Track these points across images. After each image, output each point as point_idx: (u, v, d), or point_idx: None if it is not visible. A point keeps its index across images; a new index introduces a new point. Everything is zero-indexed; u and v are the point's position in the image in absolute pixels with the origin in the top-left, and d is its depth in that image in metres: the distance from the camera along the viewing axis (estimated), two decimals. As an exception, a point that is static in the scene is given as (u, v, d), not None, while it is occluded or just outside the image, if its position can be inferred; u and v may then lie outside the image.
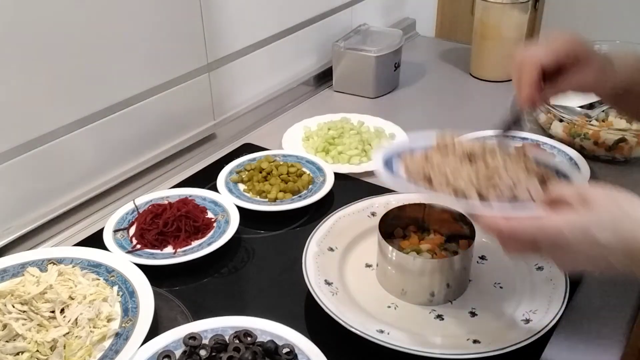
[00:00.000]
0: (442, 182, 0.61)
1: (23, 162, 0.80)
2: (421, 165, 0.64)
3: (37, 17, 0.76)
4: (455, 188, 0.60)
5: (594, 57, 0.65)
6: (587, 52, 0.64)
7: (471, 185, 0.60)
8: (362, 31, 1.35)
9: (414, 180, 0.63)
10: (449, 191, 0.60)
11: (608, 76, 0.66)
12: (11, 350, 0.61)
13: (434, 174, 0.62)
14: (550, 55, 0.63)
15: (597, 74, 0.65)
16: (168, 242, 0.81)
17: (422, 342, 0.64)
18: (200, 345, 0.62)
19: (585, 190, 0.52)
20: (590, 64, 0.64)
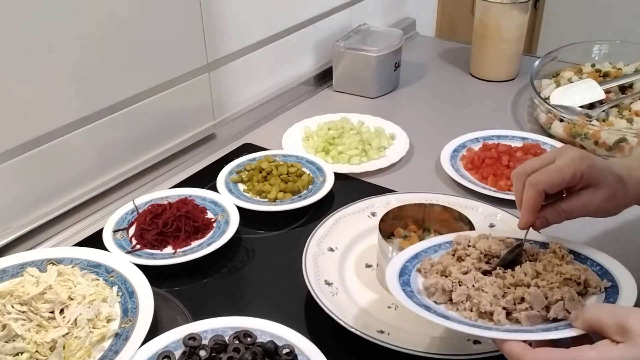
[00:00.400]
0: (463, 299, 0.58)
1: (22, 162, 0.80)
2: (439, 279, 0.60)
3: (37, 17, 0.76)
4: (479, 309, 0.56)
5: (605, 181, 0.59)
6: (598, 176, 0.59)
7: (496, 302, 0.56)
8: (362, 31, 1.35)
9: (431, 301, 0.59)
10: (473, 315, 0.56)
11: (618, 200, 0.61)
12: (10, 351, 0.61)
13: (454, 289, 0.59)
14: (557, 182, 0.58)
15: (604, 200, 0.60)
16: (168, 242, 0.81)
17: (423, 342, 0.64)
18: (200, 345, 0.62)
19: (625, 317, 0.46)
20: (601, 188, 0.59)
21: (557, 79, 1.21)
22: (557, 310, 0.55)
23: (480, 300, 0.57)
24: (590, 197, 0.60)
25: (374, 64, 1.24)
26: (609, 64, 1.22)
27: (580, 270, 0.59)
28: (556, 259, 0.62)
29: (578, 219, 0.63)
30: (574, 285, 0.58)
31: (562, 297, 0.56)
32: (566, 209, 0.61)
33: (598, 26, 2.27)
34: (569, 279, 0.58)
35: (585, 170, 0.58)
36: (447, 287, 0.59)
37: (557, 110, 1.06)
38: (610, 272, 0.59)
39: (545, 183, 0.58)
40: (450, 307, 0.59)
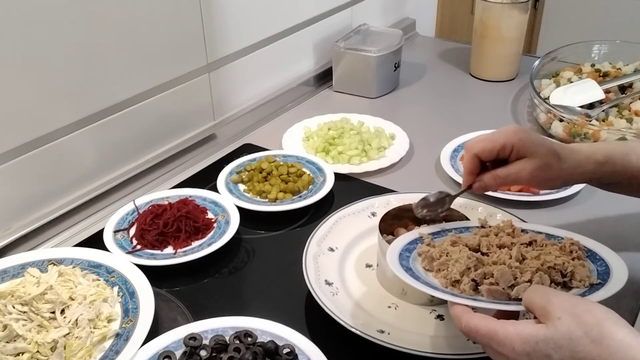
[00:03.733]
0: (441, 268, 0.62)
1: (23, 162, 0.80)
2: (432, 249, 0.65)
3: (37, 18, 0.76)
4: (452, 278, 0.60)
5: (537, 153, 0.66)
6: (528, 148, 0.66)
7: (467, 273, 0.60)
8: (362, 31, 1.35)
9: (419, 265, 0.64)
10: (445, 282, 0.60)
11: (552, 172, 0.67)
12: (11, 351, 0.61)
13: (439, 258, 0.63)
14: (487, 149, 0.67)
15: (534, 170, 0.66)
16: (168, 242, 0.81)
17: (423, 342, 0.64)
18: (201, 345, 0.62)
19: (549, 300, 0.49)
20: (533, 159, 0.66)
21: (557, 78, 1.21)
22: (519, 290, 0.57)
23: (452, 269, 0.61)
24: (522, 165, 0.66)
25: (374, 64, 1.24)
26: (609, 64, 1.22)
27: (568, 263, 0.60)
28: (557, 252, 0.63)
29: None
30: (557, 274, 0.60)
31: (530, 280, 0.58)
32: (501, 175, 0.68)
33: (598, 26, 2.27)
34: (552, 267, 0.60)
35: (515, 142, 0.66)
36: (435, 256, 0.64)
37: (556, 110, 1.06)
38: (611, 272, 0.60)
39: (477, 148, 0.67)
40: (434, 274, 0.63)
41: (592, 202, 0.91)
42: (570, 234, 0.67)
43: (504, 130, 0.67)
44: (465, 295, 0.58)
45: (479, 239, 0.66)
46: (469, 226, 0.71)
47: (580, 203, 0.91)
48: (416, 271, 0.62)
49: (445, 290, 0.59)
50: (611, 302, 0.71)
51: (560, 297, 0.50)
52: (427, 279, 0.62)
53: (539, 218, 0.86)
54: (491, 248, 0.65)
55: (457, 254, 0.62)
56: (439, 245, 0.65)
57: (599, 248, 0.65)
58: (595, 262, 0.63)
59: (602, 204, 0.91)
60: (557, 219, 0.87)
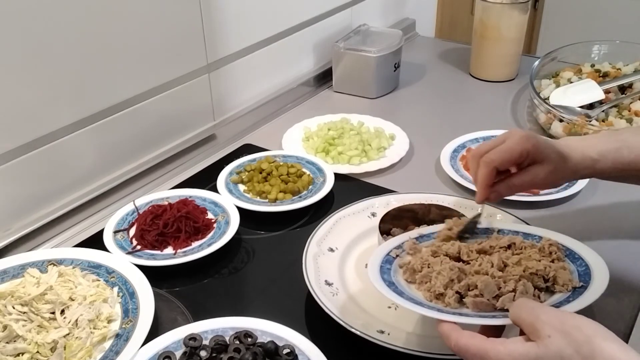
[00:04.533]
0: (424, 280, 0.61)
1: (23, 163, 0.80)
2: (413, 260, 0.64)
3: (38, 18, 0.76)
4: (435, 291, 0.59)
5: (549, 158, 0.67)
6: (541, 153, 0.66)
7: (451, 285, 0.59)
8: (362, 31, 1.35)
9: (400, 277, 0.63)
10: (429, 296, 0.60)
11: (559, 173, 0.68)
12: (11, 352, 0.61)
13: (422, 270, 0.62)
14: (505, 160, 0.66)
15: (548, 174, 0.67)
16: (168, 242, 0.81)
17: (422, 342, 0.64)
18: (201, 346, 0.62)
19: (537, 317, 0.48)
20: (545, 164, 0.67)
21: (557, 79, 1.21)
22: (505, 301, 0.57)
23: (436, 282, 0.60)
24: (536, 172, 0.67)
25: (374, 65, 1.24)
26: (609, 64, 1.22)
27: (550, 267, 0.60)
28: (537, 255, 0.63)
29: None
30: (539, 280, 0.59)
31: (514, 289, 0.58)
32: (516, 183, 0.68)
33: (597, 26, 2.27)
34: (534, 273, 0.60)
35: (530, 149, 0.65)
36: (417, 268, 0.63)
37: (556, 110, 1.06)
38: (592, 273, 0.60)
39: (497, 161, 0.66)
40: (416, 287, 0.62)
41: (592, 202, 0.91)
42: (547, 233, 0.68)
43: (513, 137, 0.66)
44: (450, 310, 0.58)
45: (459, 246, 0.65)
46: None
47: (580, 203, 0.91)
48: (399, 285, 0.61)
49: (430, 306, 0.58)
50: (612, 304, 0.71)
51: (548, 313, 0.49)
52: (411, 293, 0.61)
53: (539, 218, 0.87)
54: (471, 255, 0.64)
55: (439, 266, 0.62)
56: (419, 257, 0.64)
57: (577, 246, 0.65)
58: (575, 262, 0.63)
59: (602, 204, 0.91)
60: (557, 219, 0.87)
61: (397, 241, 0.68)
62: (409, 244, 0.67)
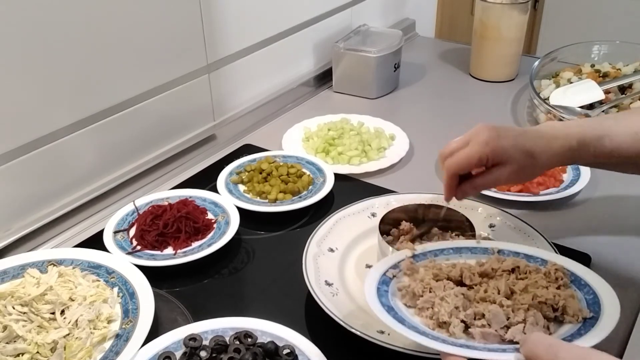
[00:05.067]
0: (427, 306, 0.59)
1: (23, 163, 0.80)
2: (414, 283, 0.61)
3: (38, 19, 0.76)
4: (438, 319, 0.56)
5: (512, 159, 0.67)
6: (502, 156, 0.66)
7: (456, 313, 0.56)
8: (361, 32, 1.35)
9: (399, 301, 0.60)
10: (432, 324, 0.57)
11: (527, 172, 0.69)
12: (11, 352, 0.61)
13: (423, 294, 0.60)
14: (464, 166, 0.68)
15: (511, 175, 0.67)
16: (168, 243, 0.81)
17: (423, 342, 0.64)
18: (201, 346, 0.62)
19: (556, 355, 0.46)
20: (508, 165, 0.67)
21: (557, 79, 1.21)
22: (514, 332, 0.54)
23: (440, 310, 0.57)
24: (499, 173, 0.68)
25: (374, 65, 1.24)
26: (609, 64, 1.22)
27: (559, 296, 0.57)
28: (544, 282, 0.60)
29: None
30: (548, 309, 0.57)
31: (524, 320, 0.55)
32: (480, 184, 0.70)
33: (597, 26, 2.27)
34: (543, 302, 0.57)
35: (489, 154, 0.66)
36: (417, 292, 0.60)
37: (556, 110, 1.06)
38: (601, 302, 0.57)
39: (455, 168, 0.68)
40: (417, 311, 0.59)
41: (592, 202, 0.91)
42: (550, 256, 0.65)
43: (475, 139, 0.67)
44: (457, 342, 0.54)
45: (461, 269, 0.62)
46: (457, 247, 0.68)
47: (580, 203, 0.91)
48: (398, 310, 0.58)
49: (435, 336, 0.55)
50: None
51: (568, 351, 0.46)
52: (413, 320, 0.57)
53: (539, 218, 0.87)
54: (474, 278, 0.61)
55: (442, 291, 0.59)
56: (419, 279, 0.62)
57: (583, 272, 0.62)
58: (582, 289, 0.60)
59: (602, 204, 0.91)
60: (557, 219, 0.87)
61: (392, 260, 0.65)
62: (406, 264, 0.64)
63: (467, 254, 0.67)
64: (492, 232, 0.81)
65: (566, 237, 0.79)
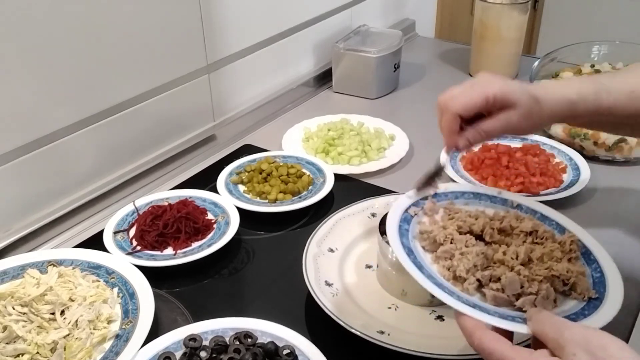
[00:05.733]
0: (446, 256, 0.60)
1: (23, 163, 0.80)
2: (436, 230, 0.63)
3: (38, 19, 0.76)
4: (455, 272, 0.58)
5: (520, 101, 0.64)
6: (510, 97, 0.63)
7: (473, 274, 0.58)
8: (361, 32, 1.35)
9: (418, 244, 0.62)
10: (448, 274, 0.59)
11: (534, 118, 0.65)
12: (11, 352, 0.61)
13: (442, 247, 0.61)
14: (469, 106, 0.63)
15: (520, 119, 0.64)
16: (168, 243, 0.81)
17: (423, 343, 0.64)
18: (201, 346, 0.62)
19: (562, 334, 0.48)
20: (516, 108, 0.64)
21: (557, 79, 1.21)
22: (525, 302, 0.56)
23: (459, 265, 0.59)
24: (508, 116, 0.64)
25: (374, 65, 1.24)
26: (608, 65, 1.22)
27: (573, 273, 0.59)
28: (559, 252, 0.62)
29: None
30: (559, 283, 0.59)
31: (537, 292, 0.57)
32: (486, 129, 0.65)
33: (597, 26, 2.27)
34: (557, 276, 0.59)
35: (497, 93, 0.62)
36: (439, 240, 0.62)
37: (556, 110, 1.06)
38: (607, 284, 0.60)
39: (458, 106, 0.63)
40: (434, 258, 0.61)
41: (592, 202, 0.91)
42: (566, 222, 0.66)
43: (479, 82, 0.64)
44: (469, 299, 0.56)
45: (483, 224, 0.64)
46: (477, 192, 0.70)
47: (580, 203, 0.91)
48: (418, 256, 0.60)
49: (451, 291, 0.56)
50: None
51: (573, 330, 0.47)
52: (431, 269, 0.59)
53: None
54: (494, 235, 0.63)
55: (464, 245, 0.60)
56: (442, 226, 0.63)
57: (596, 248, 0.64)
58: (590, 264, 0.62)
59: (602, 204, 0.91)
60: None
61: (415, 198, 0.67)
62: (429, 205, 0.66)
63: (486, 201, 0.69)
64: None
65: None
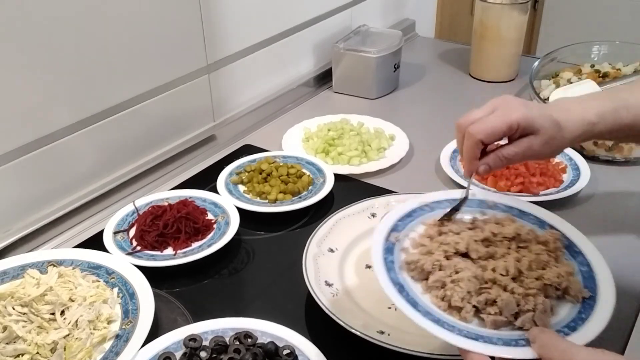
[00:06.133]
0: (437, 285, 0.59)
1: (23, 164, 0.80)
2: (422, 258, 0.61)
3: (37, 20, 0.76)
4: (450, 302, 0.57)
5: (543, 128, 0.63)
6: (534, 124, 0.62)
7: (468, 298, 0.57)
8: (361, 32, 1.35)
9: (407, 276, 0.60)
10: (443, 305, 0.57)
11: (555, 143, 0.64)
12: (11, 353, 0.61)
13: (433, 272, 0.60)
14: (492, 133, 0.62)
15: (543, 145, 0.63)
16: (168, 243, 0.81)
17: (423, 343, 0.64)
18: (201, 346, 0.62)
19: (571, 354, 0.48)
20: (539, 134, 0.63)
21: (557, 79, 1.21)
22: (524, 320, 0.55)
23: (453, 294, 0.57)
24: (529, 143, 0.63)
25: (374, 65, 1.24)
26: (608, 65, 1.22)
27: (563, 277, 0.59)
28: (545, 255, 0.62)
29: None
30: (552, 290, 0.58)
31: (534, 308, 0.56)
32: (507, 155, 0.64)
33: (597, 27, 2.27)
34: (549, 284, 0.58)
35: (521, 121, 0.61)
36: (427, 269, 0.60)
37: (556, 110, 1.06)
38: (596, 278, 0.60)
39: (481, 134, 0.62)
40: (425, 287, 0.59)
41: (592, 202, 0.92)
42: (543, 214, 0.67)
43: (501, 107, 0.63)
44: (469, 330, 0.55)
45: (467, 240, 0.62)
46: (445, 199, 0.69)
47: (580, 203, 0.91)
48: (409, 290, 0.58)
49: (451, 325, 0.55)
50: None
51: (580, 354, 0.47)
52: (424, 302, 0.57)
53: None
54: (480, 250, 0.62)
55: (453, 271, 0.59)
56: (429, 253, 0.62)
57: (578, 238, 0.64)
58: (576, 257, 0.63)
59: (602, 204, 0.91)
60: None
61: (391, 221, 0.65)
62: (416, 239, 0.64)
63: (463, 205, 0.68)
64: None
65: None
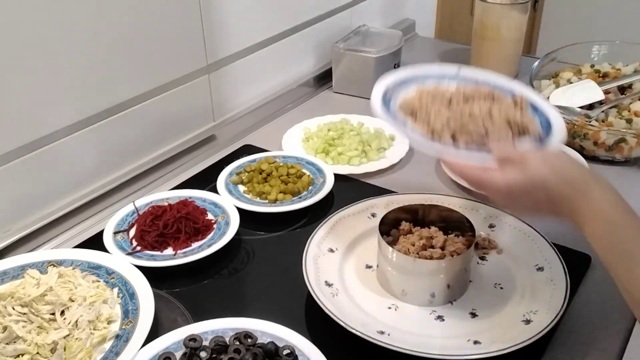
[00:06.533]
0: (424, 120, 0.72)
1: (23, 164, 0.80)
2: (413, 101, 0.75)
3: (38, 20, 0.76)
4: (432, 128, 0.70)
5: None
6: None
7: (447, 128, 0.70)
8: (361, 32, 1.35)
9: (401, 114, 0.74)
10: (427, 130, 0.71)
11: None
12: (11, 353, 0.61)
13: (420, 112, 0.73)
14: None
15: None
16: (168, 243, 0.81)
17: (423, 343, 0.64)
18: (201, 347, 0.62)
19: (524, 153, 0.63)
20: None
21: (557, 79, 1.21)
22: (490, 142, 0.68)
23: (436, 122, 0.70)
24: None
25: (374, 65, 1.24)
26: (608, 65, 1.22)
27: (524, 118, 0.72)
28: (512, 107, 0.73)
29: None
30: (516, 127, 0.71)
31: (499, 137, 0.69)
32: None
33: (597, 27, 2.27)
34: (513, 121, 0.71)
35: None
36: (416, 108, 0.73)
37: (556, 110, 1.06)
38: (551, 122, 0.74)
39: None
40: (412, 119, 0.73)
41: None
42: (517, 87, 0.79)
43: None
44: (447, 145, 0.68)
45: (450, 94, 0.75)
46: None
47: (580, 204, 0.91)
48: (400, 120, 0.73)
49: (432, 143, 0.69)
50: (613, 303, 0.71)
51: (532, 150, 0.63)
52: (412, 129, 0.71)
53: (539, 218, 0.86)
54: (460, 100, 0.73)
55: (437, 107, 0.72)
56: (419, 98, 0.75)
57: (539, 100, 0.78)
58: (537, 113, 0.76)
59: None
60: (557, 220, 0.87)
61: (388, 80, 0.81)
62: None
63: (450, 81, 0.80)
64: (492, 232, 0.81)
65: (566, 238, 0.79)
